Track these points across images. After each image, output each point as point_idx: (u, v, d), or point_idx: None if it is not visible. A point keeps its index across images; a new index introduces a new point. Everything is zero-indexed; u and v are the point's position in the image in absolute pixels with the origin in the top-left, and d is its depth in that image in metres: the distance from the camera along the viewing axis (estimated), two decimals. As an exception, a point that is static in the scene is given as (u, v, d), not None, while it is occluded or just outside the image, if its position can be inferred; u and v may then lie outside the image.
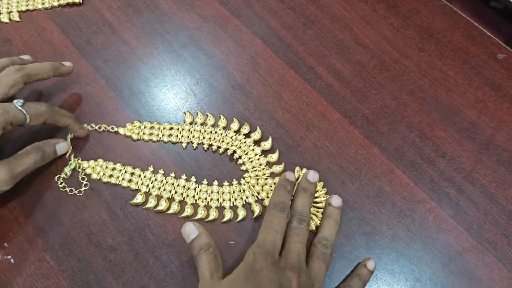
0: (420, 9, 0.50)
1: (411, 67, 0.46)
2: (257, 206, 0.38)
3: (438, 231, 0.38)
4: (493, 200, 0.39)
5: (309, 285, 0.31)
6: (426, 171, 0.40)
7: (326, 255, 0.33)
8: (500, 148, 0.42)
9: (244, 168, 0.40)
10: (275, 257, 0.31)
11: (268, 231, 0.33)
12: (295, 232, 0.33)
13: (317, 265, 0.33)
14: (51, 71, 0.39)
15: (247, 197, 0.38)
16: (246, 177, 0.39)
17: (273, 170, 0.40)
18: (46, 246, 0.36)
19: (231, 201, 0.38)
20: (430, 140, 0.42)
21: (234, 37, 0.48)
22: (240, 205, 0.38)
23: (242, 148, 0.40)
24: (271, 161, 0.40)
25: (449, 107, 0.44)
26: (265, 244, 0.32)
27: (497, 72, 0.46)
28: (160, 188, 0.39)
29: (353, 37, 0.48)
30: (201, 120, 0.42)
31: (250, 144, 0.40)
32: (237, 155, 0.40)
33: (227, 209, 0.38)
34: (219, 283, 0.31)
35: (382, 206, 0.39)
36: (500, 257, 0.37)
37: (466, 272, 0.36)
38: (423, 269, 0.36)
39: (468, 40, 0.48)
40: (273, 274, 0.30)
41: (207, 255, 0.32)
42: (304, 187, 0.37)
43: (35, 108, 0.36)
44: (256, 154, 0.40)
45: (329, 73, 0.46)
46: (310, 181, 0.37)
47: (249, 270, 0.30)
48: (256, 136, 0.41)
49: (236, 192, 0.38)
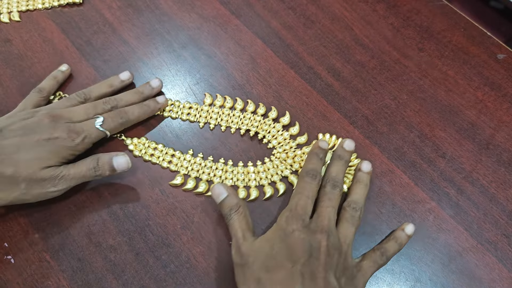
0: (420, 9, 0.50)
1: (411, 67, 0.46)
2: (295, 176, 0.39)
3: (438, 231, 0.38)
4: (493, 200, 0.39)
5: (337, 246, 0.33)
6: (426, 171, 0.40)
7: (354, 218, 0.35)
8: (500, 148, 0.42)
9: (271, 146, 0.41)
10: (306, 221, 0.33)
11: (300, 196, 0.34)
12: (327, 197, 0.35)
13: (346, 227, 0.34)
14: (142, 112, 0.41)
15: (282, 170, 0.40)
16: (276, 153, 0.40)
17: (298, 142, 0.41)
18: (46, 246, 0.36)
19: (269, 178, 0.40)
20: (430, 140, 0.42)
21: (234, 37, 0.48)
22: (278, 180, 0.40)
23: (263, 127, 0.42)
24: (294, 133, 0.42)
25: (449, 107, 0.44)
26: (297, 208, 0.33)
27: (497, 72, 0.46)
28: (199, 171, 0.40)
29: (353, 37, 0.48)
30: (220, 102, 0.43)
31: (269, 122, 0.42)
32: (261, 135, 0.42)
33: (267, 186, 0.39)
34: (252, 242, 0.33)
35: (382, 206, 0.39)
36: (500, 257, 0.37)
37: (466, 272, 0.36)
38: (423, 269, 0.36)
39: (468, 40, 0.48)
40: (304, 235, 0.32)
41: (238, 215, 0.34)
42: (339, 155, 0.38)
43: (114, 124, 0.39)
44: (278, 131, 0.42)
45: (329, 73, 0.46)
46: (345, 149, 0.38)
47: (282, 231, 0.32)
48: (273, 115, 0.42)
49: (271, 169, 0.40)
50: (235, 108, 0.43)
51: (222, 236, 0.37)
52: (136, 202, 0.38)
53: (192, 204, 0.38)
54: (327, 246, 0.32)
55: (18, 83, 0.43)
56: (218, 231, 0.37)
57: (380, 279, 0.36)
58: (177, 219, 0.38)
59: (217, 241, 0.37)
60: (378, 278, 0.36)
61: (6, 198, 0.34)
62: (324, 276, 0.30)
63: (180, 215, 0.38)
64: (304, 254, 0.31)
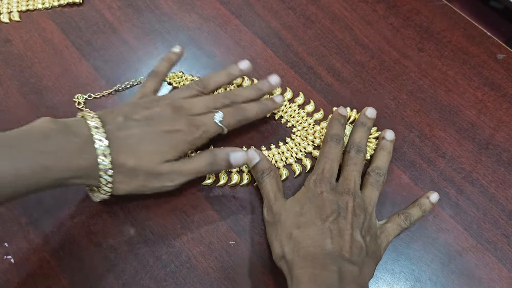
0: (420, 9, 0.50)
1: (411, 67, 0.46)
2: (308, 160, 0.41)
3: (438, 231, 0.38)
4: (493, 200, 0.39)
5: (362, 208, 0.35)
6: (426, 171, 0.41)
7: (379, 182, 0.37)
8: (499, 148, 0.42)
9: (290, 125, 0.42)
10: (333, 183, 0.36)
11: (326, 160, 0.37)
12: (352, 161, 0.37)
13: (370, 191, 0.36)
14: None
15: (304, 147, 0.41)
16: (296, 131, 0.42)
17: (315, 118, 0.42)
18: (46, 246, 0.36)
19: (294, 156, 0.41)
20: (429, 140, 0.42)
21: (234, 37, 0.48)
22: (303, 157, 0.41)
23: (279, 108, 0.43)
24: (310, 111, 0.43)
25: (448, 107, 0.44)
26: (323, 172, 0.36)
27: (497, 72, 0.46)
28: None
29: (353, 37, 0.48)
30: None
31: (285, 103, 0.43)
32: (278, 115, 0.43)
33: (294, 164, 0.40)
34: (283, 202, 0.36)
35: (381, 206, 0.39)
36: (500, 257, 0.37)
37: (466, 272, 0.36)
38: (423, 269, 0.36)
39: (468, 40, 0.48)
40: (332, 196, 0.34)
41: (269, 178, 0.37)
42: (362, 122, 0.40)
43: (233, 120, 0.38)
44: (294, 110, 0.43)
45: (329, 73, 0.46)
46: (368, 116, 0.40)
47: (310, 193, 0.35)
48: (288, 95, 0.44)
49: (294, 147, 0.41)
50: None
51: (222, 236, 0.37)
52: (136, 202, 0.38)
53: (192, 204, 0.38)
54: (353, 207, 0.34)
55: (18, 83, 0.43)
56: (218, 231, 0.37)
57: (380, 279, 0.36)
58: (177, 219, 0.38)
59: (217, 241, 0.37)
60: (378, 277, 0.36)
61: (124, 188, 0.34)
62: (351, 233, 0.33)
63: (180, 215, 0.38)
64: (332, 214, 0.33)
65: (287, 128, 0.42)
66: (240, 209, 0.38)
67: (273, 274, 0.36)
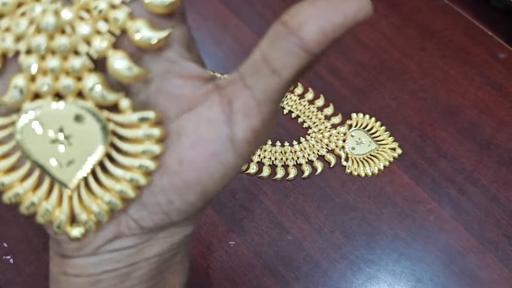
0: (421, 8, 0.50)
1: (412, 67, 0.46)
2: (320, 163, 0.40)
3: (439, 232, 0.38)
4: (494, 200, 0.39)
5: None
6: (427, 171, 0.40)
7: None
8: (501, 148, 0.42)
9: (306, 126, 0.42)
10: None
11: None
12: None
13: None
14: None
15: (318, 150, 0.41)
16: (311, 133, 0.42)
17: (332, 122, 0.42)
18: (46, 246, 0.36)
19: (306, 157, 0.41)
20: (431, 140, 0.42)
21: (235, 36, 0.47)
22: (315, 159, 0.41)
23: (298, 107, 0.43)
24: (328, 114, 0.43)
25: (450, 107, 0.44)
26: None
27: (498, 71, 0.46)
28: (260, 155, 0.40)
29: (354, 36, 0.48)
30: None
31: (305, 103, 0.43)
32: (295, 114, 0.43)
33: (305, 164, 0.40)
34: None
35: (383, 206, 0.39)
36: (501, 258, 0.37)
37: (467, 272, 0.36)
38: (424, 270, 0.36)
39: (469, 39, 0.48)
40: None
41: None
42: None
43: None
44: (313, 112, 0.43)
45: (329, 72, 0.45)
46: None
47: None
48: (310, 96, 0.44)
49: (307, 148, 0.41)
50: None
51: (222, 237, 0.37)
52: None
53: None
54: None
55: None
56: (218, 232, 0.37)
57: (381, 280, 0.36)
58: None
59: (217, 241, 0.37)
60: (379, 278, 0.36)
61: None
62: None
63: (180, 215, 0.38)
64: None
65: (303, 128, 0.42)
66: (240, 209, 0.38)
67: (273, 275, 0.36)
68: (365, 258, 0.36)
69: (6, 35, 0.14)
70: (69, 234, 0.16)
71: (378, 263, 0.36)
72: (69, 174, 0.15)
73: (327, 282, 0.35)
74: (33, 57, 0.14)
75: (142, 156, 0.15)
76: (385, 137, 0.42)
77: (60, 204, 0.16)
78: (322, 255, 0.36)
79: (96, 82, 0.14)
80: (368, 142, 0.41)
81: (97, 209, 0.16)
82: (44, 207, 0.16)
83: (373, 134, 0.42)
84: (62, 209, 0.16)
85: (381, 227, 0.38)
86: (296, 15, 0.14)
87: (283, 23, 0.15)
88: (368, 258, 0.36)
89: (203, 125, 0.15)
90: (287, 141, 0.41)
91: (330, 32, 0.14)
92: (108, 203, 0.15)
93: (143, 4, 0.14)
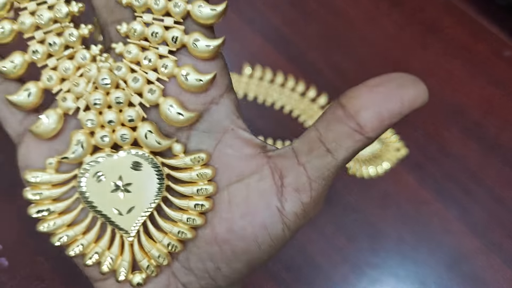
0: (424, 6, 0.50)
1: (415, 65, 0.46)
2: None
3: (443, 233, 0.37)
4: (499, 201, 0.39)
5: None
6: (431, 171, 0.40)
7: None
8: (505, 148, 0.41)
9: (307, 125, 0.42)
10: None
11: None
12: None
13: None
14: None
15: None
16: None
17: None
18: (40, 247, 0.35)
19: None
20: (434, 140, 0.42)
21: (234, 34, 0.47)
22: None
23: (299, 106, 0.42)
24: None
25: (453, 106, 0.43)
26: None
27: (503, 70, 0.46)
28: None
29: (356, 34, 0.47)
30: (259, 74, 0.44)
31: (307, 102, 0.43)
32: (296, 113, 0.42)
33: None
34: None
35: (386, 207, 0.38)
36: (505, 259, 0.37)
37: (471, 274, 0.36)
38: (428, 272, 0.36)
39: (473, 37, 0.47)
40: None
41: None
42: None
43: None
44: (314, 110, 0.42)
45: (331, 70, 0.45)
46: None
47: None
48: (311, 95, 0.43)
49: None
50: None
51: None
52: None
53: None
54: None
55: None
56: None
57: (384, 283, 0.36)
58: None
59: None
60: (382, 281, 0.36)
61: None
62: None
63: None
64: None
65: (304, 127, 0.42)
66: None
67: (273, 278, 0.35)
68: (368, 261, 0.36)
69: (68, 95, 0.15)
70: (132, 281, 0.17)
71: (381, 266, 0.36)
72: (130, 221, 0.16)
73: (329, 286, 0.35)
74: (91, 113, 0.15)
75: (196, 197, 0.16)
76: (388, 136, 0.41)
77: (122, 252, 0.17)
78: (323, 257, 0.36)
79: (150, 131, 0.15)
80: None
81: (157, 253, 0.16)
82: (107, 256, 0.17)
83: None
84: (124, 257, 0.17)
85: (384, 229, 0.37)
86: (354, 99, 0.15)
87: (341, 106, 0.15)
88: (371, 260, 0.36)
89: (253, 196, 0.16)
90: (288, 140, 0.41)
91: (387, 119, 0.15)
92: (167, 246, 0.16)
93: (189, 51, 0.15)
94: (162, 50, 0.15)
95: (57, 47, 0.15)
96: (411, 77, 0.15)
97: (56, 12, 0.15)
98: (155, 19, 0.15)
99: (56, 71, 0.15)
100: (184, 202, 0.16)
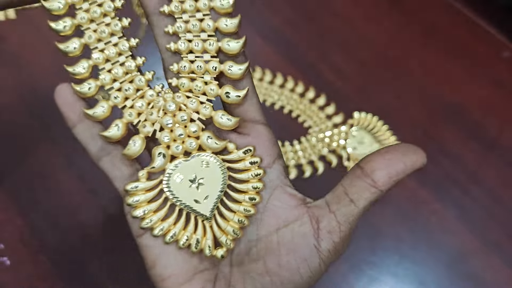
0: (424, 6, 0.50)
1: (415, 65, 0.46)
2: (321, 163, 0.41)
3: (443, 233, 0.37)
4: (498, 200, 0.39)
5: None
6: (430, 171, 0.40)
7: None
8: (505, 148, 0.41)
9: (307, 125, 0.42)
10: None
11: None
12: None
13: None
14: None
15: (319, 149, 0.41)
16: (312, 132, 0.41)
17: (334, 121, 0.42)
18: (42, 247, 0.36)
19: (307, 157, 0.40)
20: (434, 139, 0.42)
21: (234, 34, 0.47)
22: (316, 159, 0.40)
23: (299, 106, 0.43)
24: (329, 113, 0.42)
25: (453, 106, 0.43)
26: None
27: (502, 70, 0.45)
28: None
29: (356, 34, 0.47)
30: (259, 75, 0.45)
31: (305, 102, 0.43)
32: (295, 113, 0.42)
33: (305, 165, 0.40)
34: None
35: (385, 207, 0.38)
36: (505, 259, 0.37)
37: (470, 274, 0.36)
38: (427, 272, 0.36)
39: (473, 37, 0.47)
40: None
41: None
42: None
43: None
44: (313, 110, 0.43)
45: (331, 71, 0.45)
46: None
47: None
48: (310, 95, 0.43)
49: (308, 148, 0.41)
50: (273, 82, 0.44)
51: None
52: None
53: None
54: None
55: (14, 82, 0.43)
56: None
57: (383, 282, 0.36)
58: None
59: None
60: (381, 281, 0.36)
61: None
62: None
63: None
64: None
65: (303, 127, 0.42)
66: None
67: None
68: (367, 260, 0.36)
69: (146, 123, 0.21)
70: (217, 255, 0.21)
71: (380, 265, 0.36)
72: (207, 206, 0.21)
73: (328, 285, 0.35)
74: (165, 132, 0.21)
75: (252, 181, 0.21)
76: (388, 136, 0.41)
77: (205, 234, 0.22)
78: (323, 257, 0.36)
79: (209, 136, 0.21)
80: (370, 141, 0.41)
81: (231, 228, 0.21)
82: (195, 239, 0.21)
83: (376, 133, 0.41)
84: (208, 237, 0.22)
85: (383, 228, 0.37)
86: (370, 162, 0.20)
87: (360, 168, 0.20)
88: (370, 260, 0.36)
89: (297, 237, 0.21)
90: (287, 140, 0.41)
91: (394, 176, 0.20)
92: (237, 222, 0.21)
93: (226, 75, 0.20)
94: (207, 78, 0.21)
95: (131, 91, 0.21)
96: (413, 146, 0.21)
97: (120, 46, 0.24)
98: (197, 57, 0.21)
99: (133, 108, 0.21)
100: (243, 186, 0.21)
